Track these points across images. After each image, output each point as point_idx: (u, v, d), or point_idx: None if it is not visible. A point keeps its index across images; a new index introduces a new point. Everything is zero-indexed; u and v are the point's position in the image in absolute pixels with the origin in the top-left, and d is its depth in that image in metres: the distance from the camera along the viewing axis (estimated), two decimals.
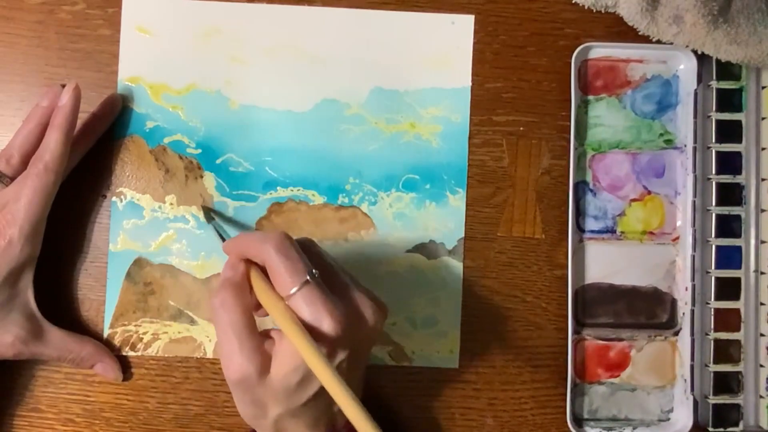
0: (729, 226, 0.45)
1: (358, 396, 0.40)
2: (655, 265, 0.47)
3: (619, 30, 0.46)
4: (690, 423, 0.45)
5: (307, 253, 0.36)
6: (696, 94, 0.46)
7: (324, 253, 0.38)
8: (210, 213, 0.45)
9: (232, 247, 0.37)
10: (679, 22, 0.43)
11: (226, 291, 0.35)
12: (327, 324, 0.33)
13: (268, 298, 0.35)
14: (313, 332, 0.33)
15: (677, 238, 0.47)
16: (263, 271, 0.36)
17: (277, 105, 0.45)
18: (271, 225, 0.45)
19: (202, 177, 0.45)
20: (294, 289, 0.34)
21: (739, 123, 0.45)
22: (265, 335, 0.35)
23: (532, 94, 0.46)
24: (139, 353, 0.45)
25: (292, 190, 0.45)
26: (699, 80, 0.46)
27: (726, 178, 0.45)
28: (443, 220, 0.46)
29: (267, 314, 0.35)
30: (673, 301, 0.47)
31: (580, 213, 0.46)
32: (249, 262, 0.36)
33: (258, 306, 0.36)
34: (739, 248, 0.45)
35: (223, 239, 0.42)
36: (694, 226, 0.46)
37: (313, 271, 0.35)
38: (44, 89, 0.43)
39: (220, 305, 0.35)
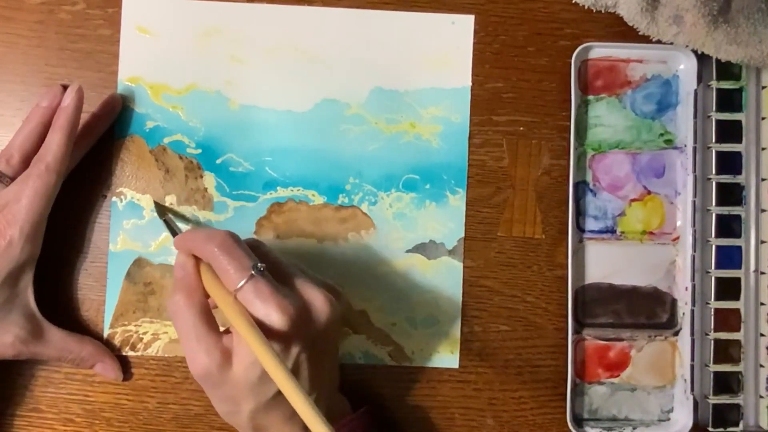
0: (729, 226, 0.45)
1: (334, 389, 0.40)
2: (655, 265, 0.47)
3: (619, 30, 0.46)
4: (690, 423, 0.45)
5: (254, 251, 0.36)
6: (696, 94, 0.46)
7: (271, 250, 0.39)
8: (162, 208, 0.44)
9: (181, 245, 0.38)
10: (679, 22, 0.43)
11: (178, 293, 0.36)
12: (276, 317, 0.34)
13: (217, 295, 0.35)
14: (263, 326, 0.34)
15: (677, 238, 0.47)
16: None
17: (277, 105, 0.45)
18: (271, 225, 0.45)
19: (202, 177, 0.45)
20: (241, 283, 0.34)
21: (739, 123, 0.45)
22: (227, 331, 0.36)
23: (532, 94, 0.46)
24: (139, 353, 0.45)
25: (292, 190, 0.45)
26: (699, 80, 0.46)
27: (726, 178, 0.45)
28: (443, 220, 0.46)
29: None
30: (673, 301, 0.47)
31: (580, 213, 0.46)
32: (198, 259, 0.37)
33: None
34: (739, 248, 0.45)
35: (175, 234, 0.42)
36: (694, 226, 0.46)
37: (259, 264, 0.35)
38: (44, 89, 0.43)
39: (174, 308, 0.36)
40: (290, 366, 0.35)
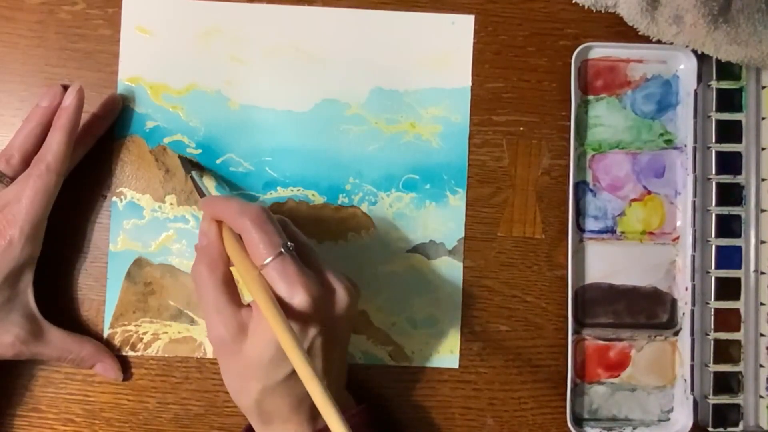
0: (729, 226, 0.45)
1: (342, 385, 0.40)
2: (655, 265, 0.47)
3: (619, 30, 0.46)
4: (690, 423, 0.45)
5: (284, 229, 0.37)
6: (696, 94, 0.46)
7: (299, 232, 0.39)
8: (188, 163, 0.44)
9: (209, 209, 0.38)
10: (679, 22, 0.43)
11: (202, 263, 0.36)
12: (300, 296, 0.34)
13: (241, 266, 0.35)
14: (285, 305, 0.34)
15: (677, 238, 0.47)
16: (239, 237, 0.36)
17: (277, 105, 0.45)
18: None
19: (202, 177, 0.45)
20: (268, 259, 0.34)
21: (739, 123, 0.45)
22: (247, 305, 0.36)
23: (532, 94, 0.46)
24: (139, 353, 0.45)
25: (292, 190, 0.45)
26: (699, 80, 0.46)
27: (726, 178, 0.45)
28: (443, 220, 0.46)
29: None
30: (673, 301, 0.47)
31: (580, 213, 0.46)
32: (221, 224, 0.37)
33: None
34: (739, 248, 0.45)
35: (202, 194, 0.41)
36: (694, 226, 0.46)
37: (289, 243, 0.35)
38: (44, 89, 0.43)
39: (197, 277, 0.36)
40: (306, 348, 0.35)
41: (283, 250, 0.35)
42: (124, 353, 0.45)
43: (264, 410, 0.37)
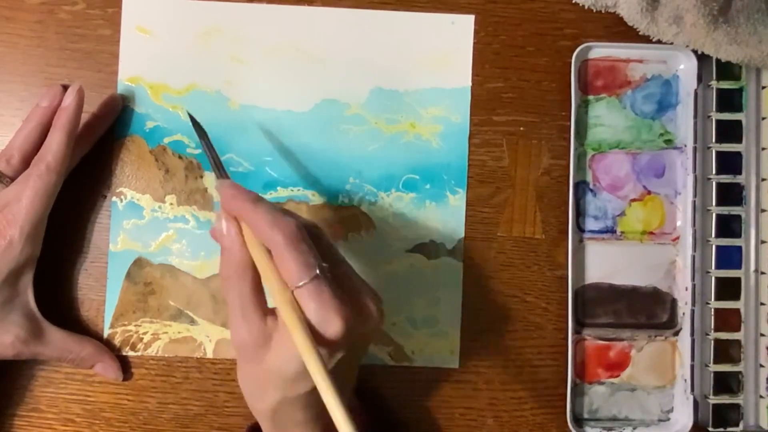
0: (729, 226, 0.45)
1: (352, 390, 0.40)
2: (655, 265, 0.46)
3: (619, 30, 0.46)
4: (690, 423, 0.45)
5: (316, 242, 0.34)
6: (696, 94, 0.46)
7: (333, 245, 0.37)
8: (200, 129, 0.41)
9: (230, 205, 0.35)
10: (679, 22, 0.43)
11: (229, 267, 0.34)
12: (334, 324, 0.32)
13: (271, 284, 0.33)
14: (316, 330, 0.32)
15: (677, 238, 0.47)
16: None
17: (277, 105, 0.45)
18: None
19: (202, 177, 0.45)
20: (302, 283, 0.32)
21: (739, 123, 0.45)
22: (273, 313, 0.35)
23: (532, 94, 0.46)
24: (139, 353, 0.45)
25: (292, 190, 0.45)
26: (699, 80, 0.46)
27: (726, 178, 0.45)
28: (443, 220, 0.46)
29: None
30: (673, 301, 0.47)
31: (580, 213, 0.46)
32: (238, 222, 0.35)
33: None
34: (739, 248, 0.45)
35: (219, 175, 0.38)
36: (694, 226, 0.46)
37: (324, 264, 0.33)
38: (44, 89, 0.43)
39: (225, 281, 0.34)
40: (330, 368, 0.33)
41: (318, 272, 0.32)
42: (124, 353, 0.45)
43: (279, 420, 0.36)
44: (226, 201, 0.35)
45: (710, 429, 0.45)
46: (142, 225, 0.45)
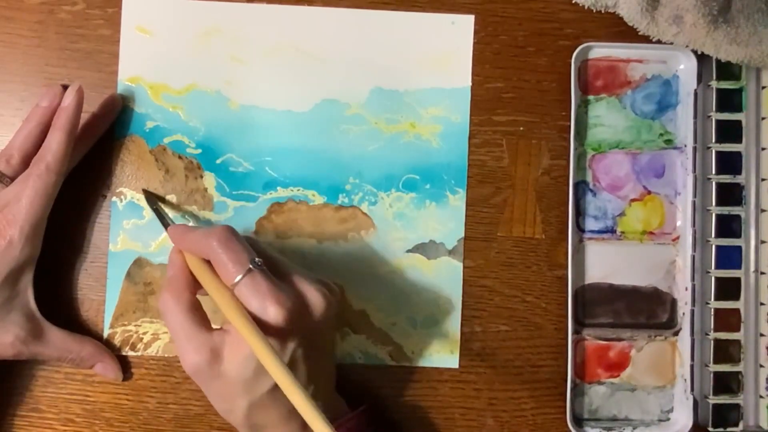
0: (729, 226, 0.45)
1: (331, 389, 0.40)
2: (655, 265, 0.47)
3: (619, 30, 0.46)
4: (690, 423, 0.45)
5: (252, 246, 0.36)
6: (696, 94, 0.46)
7: (267, 247, 0.39)
8: (152, 197, 0.44)
9: (176, 239, 0.38)
10: (679, 22, 0.43)
11: (167, 291, 0.36)
12: (273, 311, 0.34)
13: (212, 290, 0.35)
14: (260, 321, 0.34)
15: (677, 238, 0.47)
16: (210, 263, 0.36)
17: (277, 105, 0.45)
18: (271, 225, 0.45)
19: (202, 177, 0.45)
20: (238, 278, 0.34)
21: (739, 123, 0.45)
22: (219, 329, 0.36)
23: (532, 94, 0.46)
24: (139, 353, 0.45)
25: (292, 190, 0.45)
26: (699, 80, 0.46)
27: (726, 178, 0.45)
28: (443, 220, 0.46)
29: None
30: (673, 301, 0.47)
31: (580, 213, 0.46)
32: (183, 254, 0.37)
33: None
34: (739, 248, 0.45)
35: (166, 225, 0.41)
36: (694, 226, 0.46)
37: (257, 259, 0.35)
38: (44, 89, 0.43)
39: (163, 306, 0.36)
40: (286, 361, 0.35)
41: (252, 266, 0.34)
42: (124, 353, 0.45)
43: (255, 424, 0.37)
44: (172, 235, 0.39)
45: (710, 429, 0.45)
46: (142, 225, 0.45)
